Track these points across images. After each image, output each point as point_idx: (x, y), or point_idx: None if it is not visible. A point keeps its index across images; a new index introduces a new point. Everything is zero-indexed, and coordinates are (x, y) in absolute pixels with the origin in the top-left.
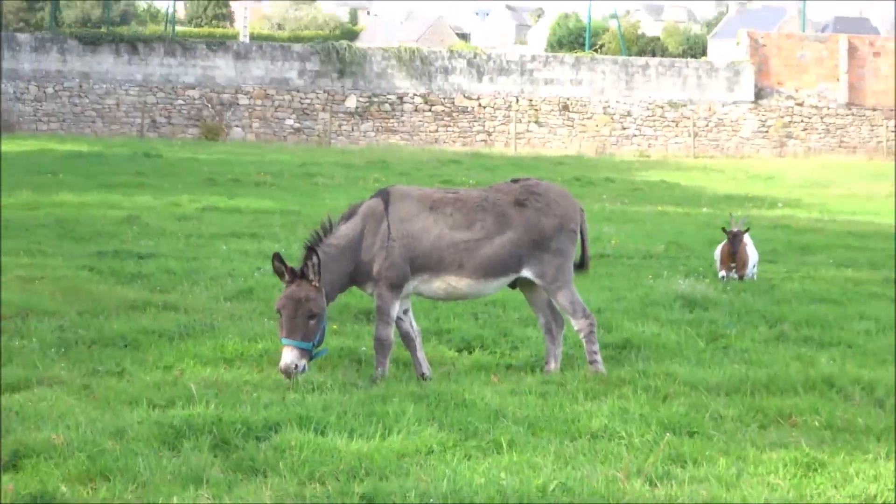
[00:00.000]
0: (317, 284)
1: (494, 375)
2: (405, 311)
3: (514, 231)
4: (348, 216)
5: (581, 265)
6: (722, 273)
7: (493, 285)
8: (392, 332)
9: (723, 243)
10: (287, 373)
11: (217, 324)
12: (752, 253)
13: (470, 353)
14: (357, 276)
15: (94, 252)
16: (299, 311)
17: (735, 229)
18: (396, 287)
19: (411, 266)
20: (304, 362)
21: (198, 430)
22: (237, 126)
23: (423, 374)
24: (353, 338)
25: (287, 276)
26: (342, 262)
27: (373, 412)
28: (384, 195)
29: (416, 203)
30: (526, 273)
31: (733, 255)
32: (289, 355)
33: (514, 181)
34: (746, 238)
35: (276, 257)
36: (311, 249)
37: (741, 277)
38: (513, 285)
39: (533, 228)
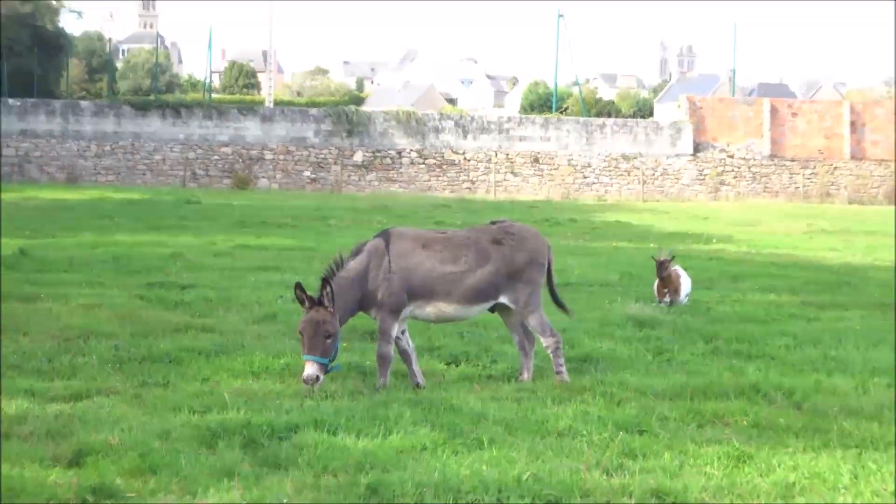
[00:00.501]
0: (331, 310)
1: (477, 384)
2: (403, 332)
3: (492, 264)
4: (356, 253)
5: (552, 297)
6: (659, 300)
7: (476, 309)
8: (392, 349)
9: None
10: (308, 382)
11: (246, 343)
12: (685, 283)
13: (457, 365)
14: (364, 302)
15: (145, 283)
16: (318, 332)
17: (661, 258)
18: (396, 312)
19: (408, 294)
20: (321, 374)
21: (230, 432)
22: (263, 177)
23: (417, 384)
24: (359, 354)
25: (307, 303)
26: (352, 291)
27: (376, 415)
28: (385, 235)
29: (411, 241)
30: (503, 299)
31: (665, 283)
32: (309, 368)
33: (493, 223)
34: (680, 270)
35: (298, 287)
36: (326, 281)
37: (673, 302)
38: (492, 309)
39: (508, 262)
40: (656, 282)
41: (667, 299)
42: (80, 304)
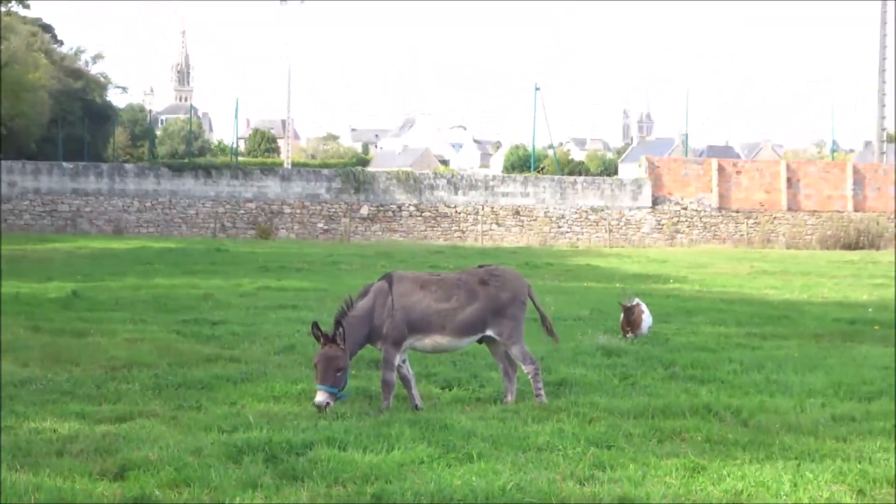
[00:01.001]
0: (343, 347)
1: (467, 406)
2: (404, 361)
3: (480, 302)
4: (363, 293)
5: (545, 328)
6: (623, 335)
7: (466, 341)
8: (394, 377)
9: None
10: (319, 407)
11: (268, 371)
12: (646, 319)
13: (450, 389)
14: (371, 336)
15: (181, 320)
16: (330, 366)
17: (627, 304)
18: (398, 344)
19: (408, 328)
20: (331, 402)
21: (254, 449)
22: (283, 228)
23: (416, 406)
24: (366, 380)
25: (322, 340)
26: (360, 327)
27: (380, 434)
28: (389, 278)
29: (411, 283)
30: (489, 332)
31: (629, 322)
32: (320, 396)
33: (480, 266)
34: (644, 307)
35: (315, 326)
36: (339, 322)
37: (636, 336)
38: (480, 341)
39: (493, 300)
40: (622, 319)
41: (629, 335)
42: (124, 338)
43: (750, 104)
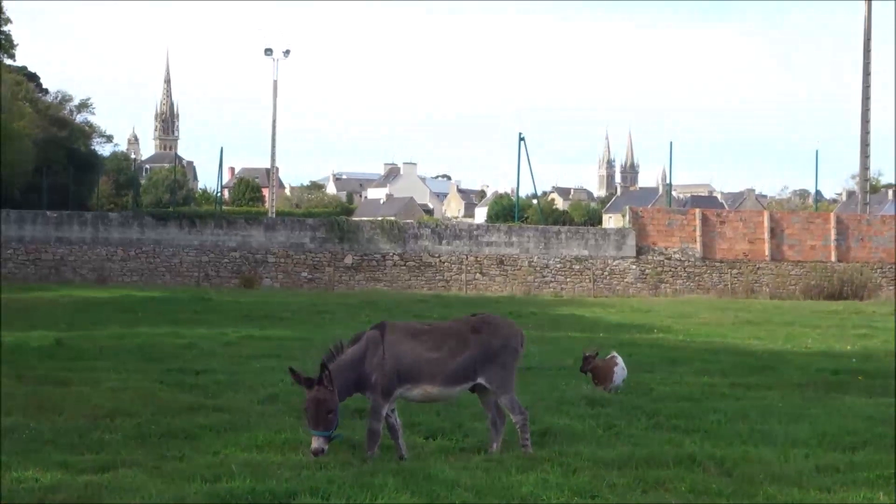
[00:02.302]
0: (330, 388)
1: (451, 456)
2: (392, 410)
3: (471, 349)
4: (355, 340)
5: None
6: (596, 387)
7: (457, 390)
8: (381, 427)
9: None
10: (316, 454)
11: (252, 420)
12: (619, 371)
13: (434, 439)
14: (360, 384)
15: (164, 369)
16: (320, 409)
17: (587, 353)
18: (387, 394)
19: (398, 378)
20: (326, 445)
21: (238, 499)
22: (267, 277)
23: (402, 456)
24: (349, 429)
25: (304, 383)
26: (350, 372)
27: (363, 483)
28: (381, 327)
29: (403, 332)
30: (480, 380)
31: (595, 375)
32: (315, 443)
33: (473, 315)
34: (619, 359)
35: (291, 370)
36: (324, 366)
37: (606, 389)
38: (472, 390)
39: (485, 347)
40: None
41: (600, 388)
42: (108, 387)
43: (734, 153)
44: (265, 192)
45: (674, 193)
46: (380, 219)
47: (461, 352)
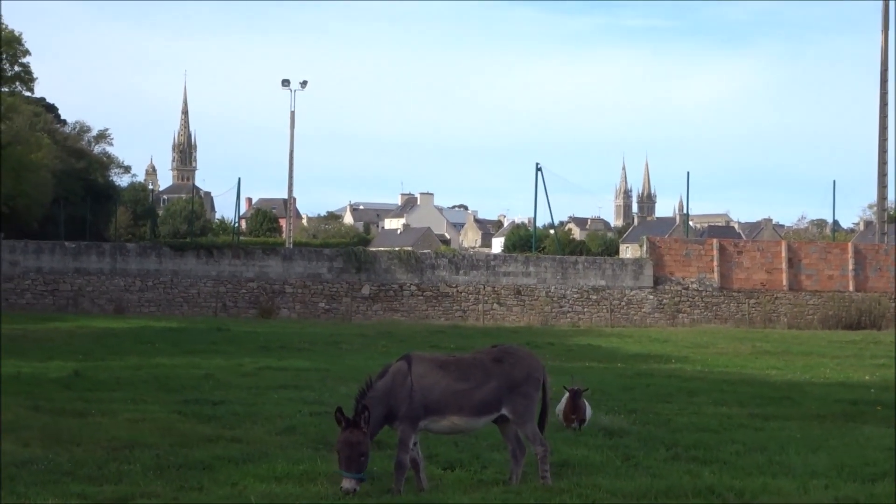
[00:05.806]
0: (364, 430)
1: (470, 487)
2: (415, 444)
3: (495, 380)
4: (382, 374)
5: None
6: (567, 426)
7: (483, 421)
8: (408, 459)
9: (565, 398)
10: (347, 494)
11: (270, 452)
12: (588, 408)
13: (452, 470)
14: (388, 416)
15: (182, 400)
16: (354, 452)
17: (574, 387)
18: (415, 425)
19: (425, 409)
20: (357, 487)
21: None
22: (284, 308)
23: (421, 489)
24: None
25: (343, 424)
26: (380, 407)
27: None
28: (408, 359)
29: (429, 364)
30: (504, 410)
31: (574, 410)
32: (347, 483)
33: (494, 346)
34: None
35: (338, 410)
36: (365, 407)
37: (581, 425)
38: (496, 421)
39: (508, 377)
40: (560, 404)
41: (574, 425)
42: (125, 418)
43: (752, 183)
44: (282, 222)
45: (690, 223)
46: (397, 249)
47: (486, 383)
